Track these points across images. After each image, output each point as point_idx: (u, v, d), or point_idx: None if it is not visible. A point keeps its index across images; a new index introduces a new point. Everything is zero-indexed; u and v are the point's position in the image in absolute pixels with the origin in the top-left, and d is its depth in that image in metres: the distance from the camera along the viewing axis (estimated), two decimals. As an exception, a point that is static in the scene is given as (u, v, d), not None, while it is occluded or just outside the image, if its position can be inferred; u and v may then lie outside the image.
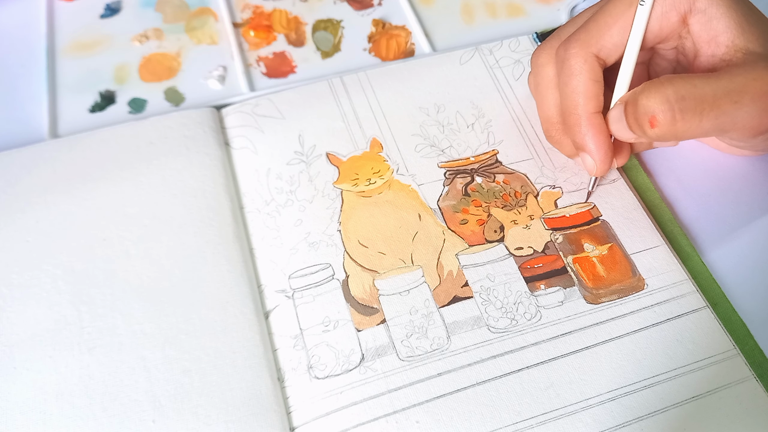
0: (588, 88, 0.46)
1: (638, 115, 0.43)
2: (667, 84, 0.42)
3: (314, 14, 0.68)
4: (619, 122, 0.46)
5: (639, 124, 0.43)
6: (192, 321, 0.47)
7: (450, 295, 0.49)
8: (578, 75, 0.46)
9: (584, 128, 0.47)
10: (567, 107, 0.48)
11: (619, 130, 0.46)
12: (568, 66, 0.47)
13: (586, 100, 0.46)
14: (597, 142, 0.47)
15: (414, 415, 0.44)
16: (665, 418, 0.43)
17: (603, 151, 0.47)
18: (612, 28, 0.46)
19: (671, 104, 0.41)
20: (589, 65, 0.46)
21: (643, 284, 0.49)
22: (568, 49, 0.47)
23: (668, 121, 0.42)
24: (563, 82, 0.47)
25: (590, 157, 0.48)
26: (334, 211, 0.53)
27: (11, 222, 0.51)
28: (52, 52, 0.64)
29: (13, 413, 0.44)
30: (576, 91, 0.47)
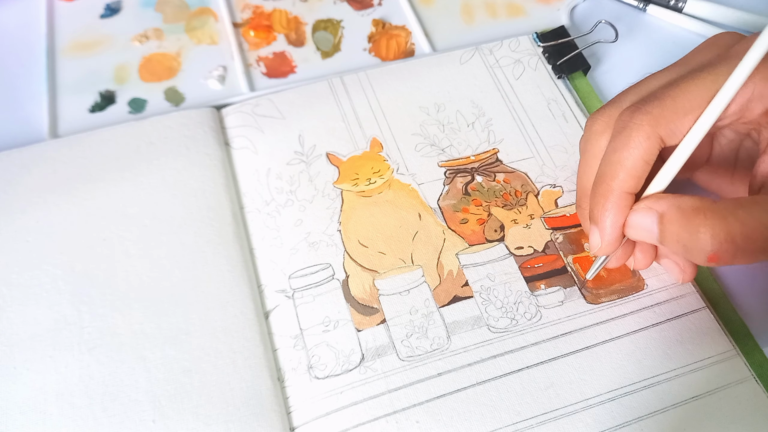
0: (636, 166, 0.41)
1: (693, 247, 0.38)
2: (732, 219, 0.37)
3: (314, 14, 0.68)
4: (647, 232, 0.41)
5: (689, 252, 0.39)
6: (192, 321, 0.47)
7: (450, 294, 0.49)
8: (633, 149, 0.41)
9: (610, 203, 0.42)
10: (603, 174, 0.42)
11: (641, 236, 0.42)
12: (626, 135, 0.41)
13: (627, 177, 0.41)
14: (614, 223, 0.42)
15: (414, 415, 0.44)
16: (665, 418, 0.43)
17: (616, 235, 0.43)
18: (689, 115, 0.40)
19: (737, 245, 0.37)
20: (649, 144, 0.40)
21: (643, 284, 0.49)
22: (633, 119, 0.41)
23: (729, 259, 0.37)
24: (612, 148, 0.42)
25: (599, 235, 0.43)
26: (334, 211, 0.53)
27: (11, 222, 0.51)
28: (52, 52, 0.64)
29: (13, 413, 0.44)
30: (621, 163, 0.41)
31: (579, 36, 0.62)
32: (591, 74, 0.62)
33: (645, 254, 0.46)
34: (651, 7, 0.67)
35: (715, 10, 0.65)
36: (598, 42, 0.62)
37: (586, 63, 0.61)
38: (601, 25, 0.62)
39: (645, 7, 0.67)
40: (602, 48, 0.64)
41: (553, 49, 0.61)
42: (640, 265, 0.47)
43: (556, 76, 0.60)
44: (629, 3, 0.68)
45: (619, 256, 0.46)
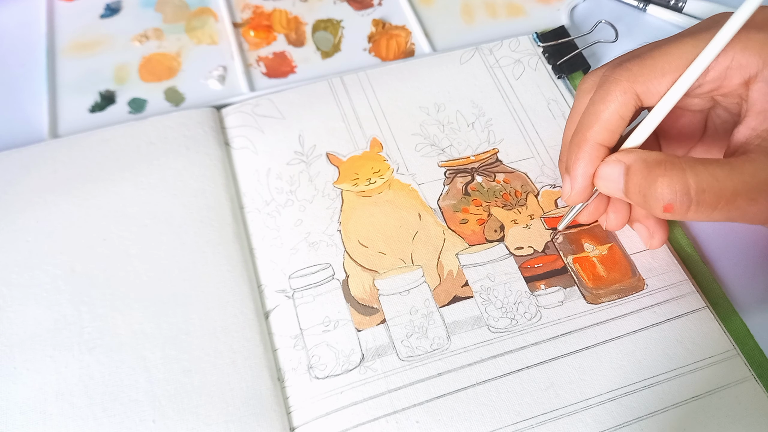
0: (611, 119, 0.43)
1: (650, 195, 0.40)
2: (690, 173, 0.39)
3: (314, 14, 0.68)
4: (613, 182, 0.42)
5: (647, 202, 0.40)
6: (192, 321, 0.47)
7: (450, 294, 0.49)
8: (609, 102, 0.42)
9: (582, 153, 0.44)
10: (580, 125, 0.44)
11: (609, 188, 0.43)
12: (605, 89, 0.43)
13: (601, 129, 0.43)
14: (585, 172, 0.44)
15: (414, 415, 0.44)
16: (665, 418, 0.43)
17: (585, 184, 0.44)
18: (666, 76, 0.42)
19: (690, 197, 0.39)
20: (625, 99, 0.42)
21: (643, 284, 0.49)
22: (612, 73, 0.43)
23: (682, 211, 0.39)
24: (591, 101, 0.44)
25: (570, 183, 0.45)
26: (334, 211, 0.53)
27: (11, 222, 0.51)
28: (52, 52, 0.64)
29: (13, 413, 0.44)
30: (597, 115, 0.43)
31: (579, 36, 0.63)
32: (591, 74, 0.62)
33: (617, 214, 0.48)
34: (651, 7, 0.67)
35: (715, 10, 0.65)
36: (598, 42, 0.62)
37: (586, 63, 0.61)
38: (601, 25, 0.62)
39: (645, 7, 0.67)
40: (602, 48, 0.64)
41: (553, 49, 0.61)
42: (612, 225, 0.48)
43: (556, 76, 0.60)
44: (629, 3, 0.68)
45: (591, 212, 0.48)
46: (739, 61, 0.41)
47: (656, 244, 0.49)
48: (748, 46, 0.40)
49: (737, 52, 0.40)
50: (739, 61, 0.41)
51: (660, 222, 0.48)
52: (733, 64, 0.41)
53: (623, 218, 0.48)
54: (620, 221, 0.48)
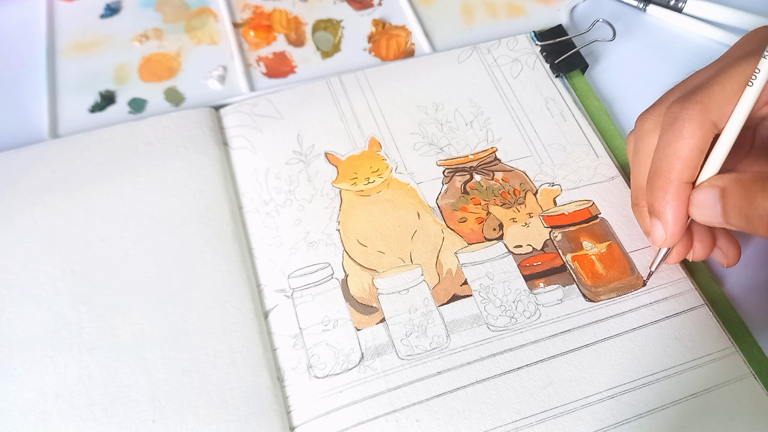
0: (691, 156, 0.41)
1: (752, 213, 0.38)
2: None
3: (314, 14, 0.68)
4: (710, 209, 0.41)
5: (749, 221, 0.39)
6: (191, 321, 0.47)
7: (449, 293, 0.49)
8: (687, 139, 0.41)
9: (670, 196, 0.42)
10: (659, 168, 0.43)
11: (706, 216, 0.42)
12: (679, 127, 0.41)
13: (684, 168, 0.42)
14: (677, 214, 0.43)
15: (414, 414, 0.44)
16: (664, 415, 0.43)
17: (680, 225, 0.43)
18: (738, 96, 0.41)
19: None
20: (703, 132, 0.41)
21: (642, 282, 0.49)
22: (684, 109, 0.41)
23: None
24: (666, 141, 0.42)
25: (662, 228, 0.44)
26: (333, 211, 0.53)
27: (10, 222, 0.51)
28: (52, 52, 0.64)
29: (13, 414, 0.44)
30: (677, 155, 0.42)
31: (577, 35, 0.62)
32: (589, 73, 0.62)
33: (703, 243, 0.46)
34: (651, 7, 0.67)
35: (715, 10, 0.65)
36: (595, 41, 0.62)
37: (584, 62, 0.61)
38: (599, 24, 0.62)
39: (645, 7, 0.67)
40: (600, 47, 0.64)
41: (551, 48, 0.61)
42: (699, 256, 0.47)
43: (554, 74, 0.60)
44: (629, 3, 0.68)
45: (680, 251, 0.47)
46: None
47: (731, 262, 0.47)
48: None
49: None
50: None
51: (732, 240, 0.47)
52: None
53: (709, 245, 0.47)
54: (707, 249, 0.47)
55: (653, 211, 0.44)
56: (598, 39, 0.62)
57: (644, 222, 0.48)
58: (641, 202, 0.47)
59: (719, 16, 0.65)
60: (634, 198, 0.48)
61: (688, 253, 0.47)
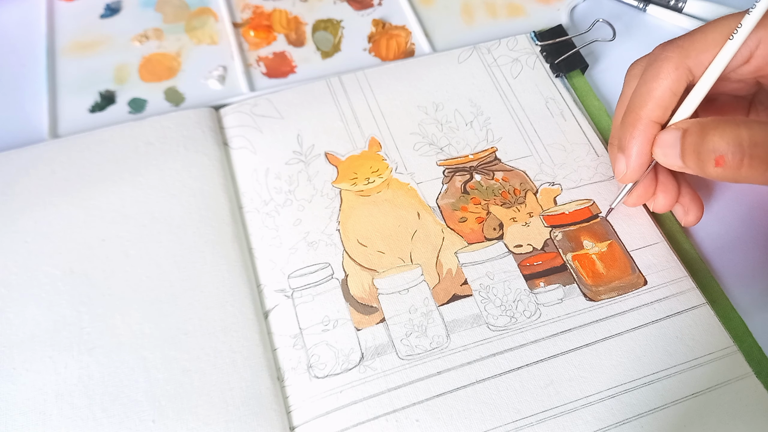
0: (664, 96, 0.43)
1: (703, 150, 0.40)
2: (743, 126, 0.39)
3: (314, 14, 0.68)
4: (671, 148, 0.43)
5: (700, 159, 0.41)
6: (191, 321, 0.47)
7: (449, 293, 0.49)
8: (662, 79, 0.43)
9: (637, 131, 0.44)
10: (633, 104, 0.45)
11: (667, 155, 0.43)
12: (656, 67, 0.44)
13: (655, 107, 0.44)
14: (640, 151, 0.45)
15: (414, 414, 0.44)
16: (665, 415, 0.43)
17: (641, 162, 0.45)
18: (717, 47, 0.42)
19: (743, 148, 0.39)
20: (678, 75, 0.43)
21: (643, 281, 0.49)
22: (664, 50, 0.44)
23: (735, 164, 0.39)
24: (643, 79, 0.45)
25: (624, 162, 0.46)
26: (333, 211, 0.53)
27: (10, 223, 0.51)
28: (52, 52, 0.64)
29: (13, 414, 0.44)
30: (650, 93, 0.44)
31: (577, 35, 0.62)
32: (589, 73, 0.62)
33: (666, 194, 0.48)
34: (651, 7, 0.67)
35: (715, 10, 0.65)
36: (595, 41, 0.62)
37: (584, 62, 0.61)
38: (599, 24, 0.62)
39: (645, 7, 0.67)
40: (600, 47, 0.64)
41: (551, 48, 0.61)
42: (660, 206, 0.49)
43: (554, 74, 0.60)
44: (629, 3, 0.68)
45: (641, 194, 0.49)
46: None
47: (691, 220, 0.49)
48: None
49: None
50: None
51: (696, 199, 0.49)
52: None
53: (672, 198, 0.48)
54: (669, 201, 0.48)
55: (621, 147, 0.46)
56: (598, 39, 0.62)
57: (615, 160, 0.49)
58: (615, 141, 0.49)
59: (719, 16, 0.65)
60: (611, 137, 0.50)
61: (650, 198, 0.49)
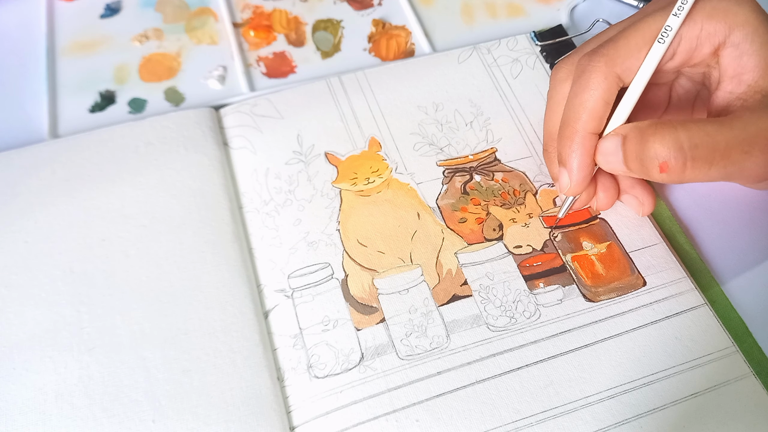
0: (597, 107, 0.43)
1: (645, 157, 0.41)
2: (681, 129, 0.40)
3: (314, 14, 0.68)
4: (613, 155, 0.43)
5: (644, 165, 0.41)
6: (191, 321, 0.47)
7: (449, 293, 0.49)
8: (592, 90, 0.43)
9: (575, 145, 0.45)
10: (567, 118, 0.45)
11: (610, 163, 0.44)
12: (585, 78, 0.44)
13: (590, 118, 0.44)
14: (582, 163, 0.45)
15: (414, 414, 0.44)
16: (664, 415, 0.43)
17: (584, 174, 0.45)
18: (642, 51, 0.43)
19: (684, 151, 0.40)
20: (608, 84, 0.43)
21: (642, 282, 0.49)
22: (591, 61, 0.44)
23: (679, 168, 0.40)
24: (573, 92, 0.45)
25: (567, 176, 0.46)
26: (333, 211, 0.53)
27: (10, 223, 0.51)
28: (52, 52, 0.65)
29: (13, 414, 0.44)
30: (583, 105, 0.44)
31: (577, 35, 0.63)
32: (590, 73, 0.62)
33: (606, 192, 0.49)
34: (650, 6, 0.67)
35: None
36: (596, 41, 0.62)
37: (584, 62, 0.61)
38: (599, 24, 0.62)
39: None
40: (601, 47, 0.64)
41: (551, 48, 0.61)
42: (602, 205, 0.50)
43: (554, 74, 0.60)
44: (629, 3, 0.68)
45: (583, 199, 0.49)
46: (707, 30, 0.42)
47: (647, 210, 0.50)
48: (713, 15, 0.42)
49: (704, 21, 0.42)
50: (707, 30, 0.42)
51: (647, 188, 0.49)
52: (702, 34, 0.43)
53: (612, 195, 0.49)
54: (610, 199, 0.49)
55: (560, 160, 0.46)
56: (598, 39, 0.62)
57: (552, 168, 0.50)
58: (551, 149, 0.50)
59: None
60: (545, 144, 0.50)
61: (592, 200, 0.49)
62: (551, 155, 0.50)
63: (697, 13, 0.42)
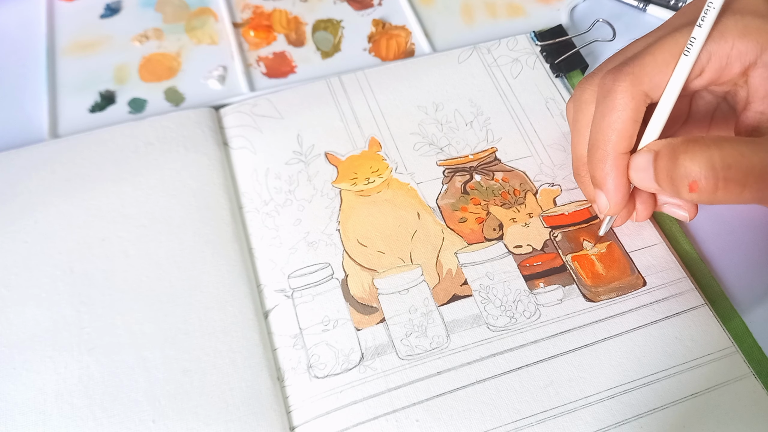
0: (626, 127, 0.42)
1: (676, 175, 0.39)
2: (714, 148, 0.38)
3: (314, 14, 0.68)
4: (644, 172, 0.42)
5: (674, 184, 0.39)
6: (191, 321, 0.47)
7: (449, 293, 0.49)
8: (620, 111, 0.42)
9: (609, 167, 0.43)
10: (596, 141, 0.44)
11: (642, 180, 0.42)
12: (612, 99, 0.42)
13: (620, 139, 0.42)
14: (618, 184, 0.44)
15: (414, 414, 0.44)
16: (664, 415, 0.43)
17: (621, 194, 0.44)
18: (669, 66, 0.41)
19: (716, 171, 0.37)
20: (636, 103, 0.42)
21: (642, 282, 0.49)
22: (616, 81, 0.42)
23: (710, 189, 0.38)
24: (601, 113, 0.43)
25: (605, 197, 0.45)
26: (333, 211, 0.53)
27: (10, 223, 0.51)
28: (52, 52, 0.64)
29: (13, 414, 0.44)
30: (612, 127, 0.42)
31: (577, 35, 0.63)
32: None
33: (645, 205, 0.47)
34: (651, 7, 0.67)
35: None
36: (595, 41, 0.62)
37: (584, 62, 0.61)
38: (599, 24, 0.62)
39: (645, 7, 0.67)
40: (600, 47, 0.64)
41: (551, 48, 0.61)
42: (642, 217, 0.48)
43: (554, 74, 0.60)
44: (629, 3, 0.68)
45: (623, 215, 0.48)
46: (739, 48, 0.41)
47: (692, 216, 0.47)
48: (745, 33, 0.40)
49: (736, 39, 0.40)
50: (739, 48, 0.41)
51: None
52: (733, 52, 0.41)
53: (651, 207, 0.48)
54: (648, 211, 0.48)
55: (595, 182, 0.45)
56: (598, 39, 0.62)
57: (587, 190, 0.49)
58: (582, 172, 0.49)
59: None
60: (576, 168, 0.49)
61: (631, 215, 0.48)
62: (584, 178, 0.49)
63: (729, 31, 0.40)
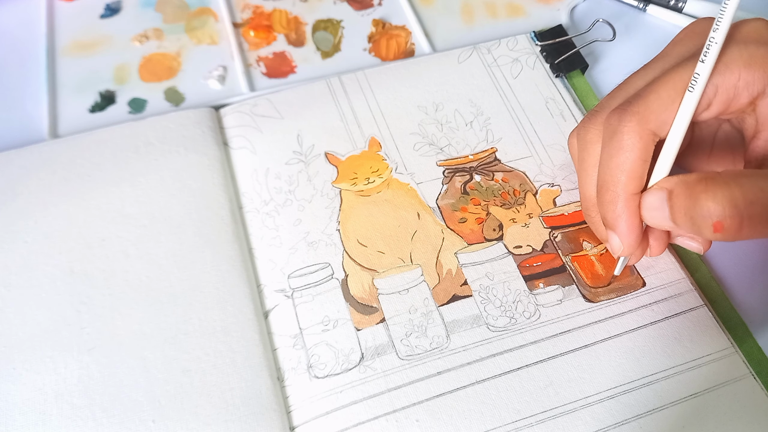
0: (635, 167, 0.41)
1: (696, 215, 0.37)
2: (734, 185, 0.36)
3: (314, 14, 0.68)
4: (658, 211, 0.40)
5: (695, 224, 0.38)
6: (191, 321, 0.47)
7: (449, 293, 0.49)
8: (629, 152, 0.41)
9: (620, 208, 0.42)
10: (605, 182, 0.42)
11: (656, 218, 0.41)
12: (618, 140, 0.41)
13: (630, 180, 0.41)
14: (630, 224, 0.42)
15: (414, 414, 0.44)
16: (664, 415, 0.43)
17: (635, 235, 0.43)
18: (675, 102, 0.40)
19: (740, 210, 0.36)
20: (643, 143, 0.41)
21: (641, 283, 0.49)
22: (622, 122, 0.41)
23: (735, 228, 0.36)
24: (608, 154, 0.42)
25: (617, 239, 0.43)
26: (333, 211, 0.53)
27: (10, 223, 0.51)
28: (52, 52, 0.64)
29: (13, 414, 0.44)
30: (621, 168, 0.41)
31: (577, 35, 0.62)
32: (589, 73, 0.62)
33: (658, 241, 0.46)
34: (651, 7, 0.67)
35: (715, 10, 0.65)
36: (595, 41, 0.62)
37: (584, 62, 0.61)
38: (599, 24, 0.62)
39: (645, 7, 0.67)
40: (600, 47, 0.64)
41: (551, 48, 0.61)
42: (656, 252, 0.46)
43: (554, 74, 0.60)
44: (629, 3, 0.68)
45: (637, 254, 0.46)
46: (745, 79, 0.40)
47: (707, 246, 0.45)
48: (751, 63, 0.39)
49: (742, 70, 0.40)
50: (745, 79, 0.40)
51: None
52: (740, 83, 0.40)
53: (664, 242, 0.46)
54: (662, 246, 0.46)
55: (607, 224, 0.44)
56: (598, 39, 0.62)
57: (599, 231, 0.48)
58: (592, 213, 0.47)
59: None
60: (586, 209, 0.48)
61: (645, 252, 0.47)
62: (594, 219, 0.47)
63: (734, 62, 0.40)
